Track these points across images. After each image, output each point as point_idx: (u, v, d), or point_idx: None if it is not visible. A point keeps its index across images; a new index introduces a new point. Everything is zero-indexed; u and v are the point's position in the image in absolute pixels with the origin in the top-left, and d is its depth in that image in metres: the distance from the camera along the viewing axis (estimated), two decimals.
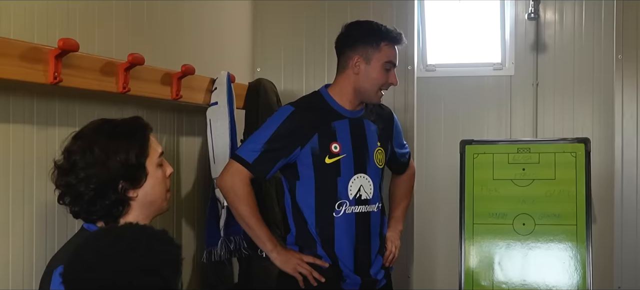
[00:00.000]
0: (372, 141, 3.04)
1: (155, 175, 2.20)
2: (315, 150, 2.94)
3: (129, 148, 2.14)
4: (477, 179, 3.40)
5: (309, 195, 2.98)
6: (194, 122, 3.41)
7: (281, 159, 2.94)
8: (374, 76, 2.96)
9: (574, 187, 3.29)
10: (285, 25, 4.26)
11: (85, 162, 2.09)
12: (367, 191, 3.00)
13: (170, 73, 2.98)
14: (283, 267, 2.96)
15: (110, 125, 2.20)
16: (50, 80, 2.27)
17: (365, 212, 3.00)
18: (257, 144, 2.94)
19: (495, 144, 3.49)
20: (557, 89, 4.65)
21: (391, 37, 2.98)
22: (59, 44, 2.25)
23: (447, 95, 4.85)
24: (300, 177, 2.98)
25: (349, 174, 2.97)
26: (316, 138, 2.94)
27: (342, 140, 2.96)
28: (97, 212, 2.13)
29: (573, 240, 3.25)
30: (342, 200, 2.96)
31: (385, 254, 3.12)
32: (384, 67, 2.96)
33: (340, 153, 2.95)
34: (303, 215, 2.99)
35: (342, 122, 2.99)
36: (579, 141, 3.34)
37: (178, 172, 3.29)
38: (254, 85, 3.70)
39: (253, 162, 2.91)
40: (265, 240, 2.97)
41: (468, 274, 3.36)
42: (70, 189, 2.11)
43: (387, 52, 2.96)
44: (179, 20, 3.32)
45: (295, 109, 2.99)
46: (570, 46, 4.61)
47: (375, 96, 3.01)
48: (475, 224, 3.37)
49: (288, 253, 2.97)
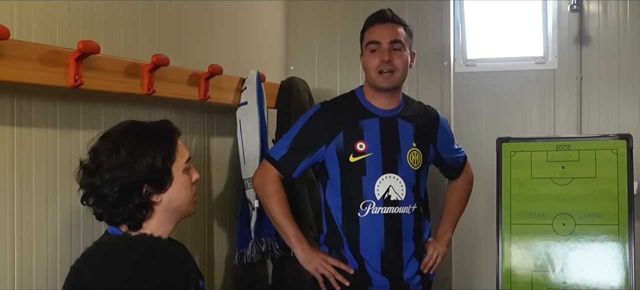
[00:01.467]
0: (406, 141, 2.95)
1: (180, 180, 2.17)
2: (340, 148, 2.90)
3: (156, 152, 2.11)
4: (514, 178, 3.31)
5: (336, 194, 2.94)
6: (224, 122, 3.37)
7: (307, 157, 2.93)
8: (368, 62, 2.95)
9: (615, 185, 3.17)
10: (319, 23, 4.21)
11: (111, 163, 2.07)
12: (398, 192, 2.91)
13: (197, 73, 2.95)
14: (305, 265, 2.94)
15: (138, 128, 2.18)
16: (70, 83, 2.25)
17: (395, 213, 2.91)
18: (285, 141, 2.97)
19: (533, 141, 3.37)
20: (602, 82, 4.51)
21: (370, 20, 3.00)
22: (79, 46, 2.23)
23: (488, 91, 4.74)
24: (329, 177, 2.95)
25: (376, 173, 2.90)
26: (341, 136, 2.91)
27: (370, 139, 2.91)
28: (120, 215, 2.11)
29: (615, 241, 3.14)
30: (368, 200, 2.89)
31: (425, 260, 3.02)
32: (369, 50, 2.94)
33: (366, 151, 2.90)
34: (332, 215, 2.96)
35: (372, 121, 2.94)
36: (620, 137, 3.22)
37: (209, 173, 3.26)
38: (286, 84, 3.66)
39: (279, 160, 2.94)
40: (291, 236, 2.95)
41: (506, 275, 3.27)
42: (94, 190, 2.10)
43: (366, 36, 2.98)
44: (210, 19, 3.28)
45: (322, 106, 3.00)
46: (614, 38, 4.47)
47: (378, 80, 2.93)
48: (513, 224, 3.28)
49: (313, 252, 2.94)
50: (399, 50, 2.93)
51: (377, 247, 2.91)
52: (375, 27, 2.96)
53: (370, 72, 2.94)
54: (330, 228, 2.98)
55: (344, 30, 4.13)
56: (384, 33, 2.94)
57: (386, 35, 2.93)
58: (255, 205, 3.19)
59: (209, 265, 3.28)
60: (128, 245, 1.73)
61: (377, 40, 2.93)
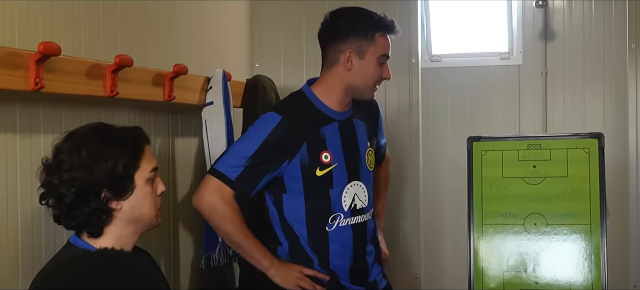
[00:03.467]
0: (363, 143, 2.78)
1: (143, 189, 2.08)
2: (305, 161, 2.64)
3: (118, 156, 2.02)
4: (485, 177, 3.26)
5: (298, 209, 2.70)
6: (189, 122, 3.29)
7: (267, 174, 2.63)
8: (370, 72, 2.66)
9: (587, 184, 3.14)
10: (283, 20, 4.14)
11: (71, 163, 1.99)
12: (362, 199, 2.75)
13: (161, 73, 2.87)
14: (284, 284, 2.68)
15: (104, 130, 2.09)
16: (31, 86, 2.16)
17: (361, 222, 2.76)
18: (241, 158, 2.61)
19: (505, 140, 3.33)
20: (567, 78, 4.50)
21: (385, 27, 2.68)
22: (40, 48, 2.14)
23: (453, 87, 4.71)
24: (287, 190, 2.69)
25: (342, 184, 2.70)
26: (305, 148, 2.64)
27: (333, 148, 2.68)
28: (76, 219, 2.02)
29: (587, 240, 3.11)
30: (336, 213, 2.70)
31: (382, 259, 2.96)
32: (378, 61, 2.66)
33: (332, 162, 2.67)
34: (294, 230, 2.72)
35: (331, 127, 2.69)
36: (592, 136, 3.19)
37: (174, 175, 3.18)
38: (252, 82, 3.58)
39: (236, 179, 2.60)
40: (260, 258, 2.68)
41: (478, 275, 3.23)
42: (52, 189, 2.01)
43: (381, 44, 2.67)
44: (173, 18, 3.20)
45: (283, 117, 2.65)
46: (579, 34, 4.46)
47: (370, 93, 2.73)
48: (484, 224, 3.24)
49: (287, 268, 2.69)
50: None
51: (347, 259, 2.75)
52: (388, 38, 2.71)
53: (368, 83, 2.69)
54: (292, 243, 2.73)
55: (309, 26, 4.05)
56: (390, 47, 2.72)
57: (390, 50, 2.73)
58: None
59: (175, 270, 3.20)
60: (89, 264, 1.63)
61: (389, 54, 2.70)
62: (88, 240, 2.05)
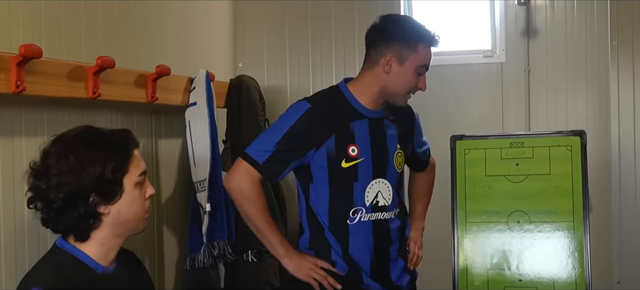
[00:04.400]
0: (392, 144, 2.81)
1: (132, 193, 2.06)
2: (331, 152, 2.69)
3: (107, 161, 2.00)
4: (469, 176, 3.27)
5: (323, 199, 2.75)
6: (172, 123, 3.28)
7: (294, 161, 2.70)
8: (407, 78, 2.72)
9: (569, 182, 3.16)
10: (267, 20, 4.13)
11: (58, 168, 1.96)
12: (386, 197, 2.78)
13: (144, 75, 2.86)
14: (296, 273, 2.73)
15: (92, 134, 2.07)
16: (12, 89, 2.15)
17: (382, 219, 2.78)
18: (269, 143, 2.68)
19: (487, 138, 3.35)
20: (550, 75, 4.51)
21: (429, 38, 2.74)
22: (21, 50, 2.13)
23: (436, 85, 4.64)
24: (313, 180, 2.74)
25: (366, 179, 2.74)
26: (333, 139, 2.70)
27: (361, 143, 2.73)
28: (64, 223, 2.00)
29: (570, 237, 3.13)
30: (358, 207, 2.73)
31: (409, 256, 2.96)
32: (417, 71, 2.72)
33: (358, 156, 2.71)
34: (318, 219, 2.76)
35: (361, 123, 2.74)
36: (574, 134, 3.21)
37: (157, 176, 3.17)
38: (236, 82, 3.58)
39: (263, 163, 2.66)
40: (276, 245, 2.74)
41: (462, 273, 3.25)
42: (40, 193, 1.99)
43: (423, 55, 2.73)
44: (155, 19, 3.19)
45: (311, 106, 2.71)
46: (562, 31, 4.47)
47: (403, 99, 2.78)
48: (468, 222, 3.25)
49: (301, 258, 2.75)
50: None
51: (367, 254, 2.78)
52: (430, 51, 2.77)
53: (403, 89, 2.74)
54: (314, 232, 2.78)
55: (292, 26, 4.06)
56: (430, 60, 2.79)
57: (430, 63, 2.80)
58: (207, 209, 3.11)
59: (160, 270, 3.19)
60: None
61: (428, 66, 2.77)
62: (74, 244, 2.04)
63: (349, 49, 4.03)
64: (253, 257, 3.41)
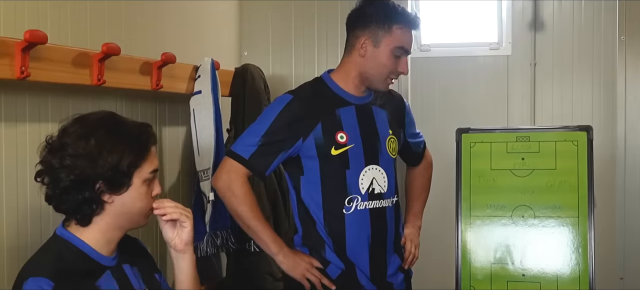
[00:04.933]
0: (383, 129, 2.76)
1: (139, 189, 2.03)
2: (320, 140, 2.65)
3: (125, 153, 1.97)
4: (474, 169, 3.26)
5: (315, 191, 2.69)
6: (177, 111, 3.26)
7: (281, 152, 2.65)
8: (382, 61, 2.66)
9: (575, 177, 3.14)
10: (273, 7, 4.10)
11: (75, 149, 1.93)
12: (381, 184, 2.72)
13: (149, 62, 2.84)
14: (290, 272, 2.69)
15: (116, 122, 2.04)
16: (16, 75, 2.13)
17: (380, 207, 2.72)
18: (254, 137, 2.65)
19: (493, 132, 3.33)
20: (556, 69, 4.50)
21: (406, 20, 2.66)
22: (26, 36, 2.11)
23: (442, 76, 4.70)
24: (304, 172, 2.69)
25: (359, 166, 2.68)
26: (320, 127, 2.65)
27: (349, 129, 2.68)
28: (67, 203, 1.97)
29: (574, 232, 3.12)
30: (353, 195, 2.67)
31: (405, 255, 2.90)
32: (393, 53, 2.65)
33: (348, 143, 2.66)
34: (310, 213, 2.71)
35: (348, 109, 2.70)
36: (580, 129, 3.19)
37: (161, 165, 3.14)
38: (240, 71, 3.56)
39: (250, 158, 2.63)
40: (269, 243, 2.69)
41: (465, 267, 3.23)
42: (50, 170, 1.95)
43: (398, 36, 2.65)
44: (161, 6, 3.17)
45: (293, 97, 2.69)
46: (569, 25, 4.46)
47: (383, 84, 2.72)
48: (472, 216, 3.24)
49: (296, 256, 2.69)
50: None
51: (365, 245, 2.72)
52: (408, 32, 2.69)
53: (380, 73, 2.68)
54: (306, 228, 2.73)
55: (298, 14, 4.03)
56: (411, 42, 2.71)
57: (411, 46, 2.72)
58: (211, 197, 3.10)
59: (162, 258, 3.17)
60: None
61: (407, 49, 2.69)
62: (74, 231, 2.02)
63: None
64: (256, 247, 3.37)
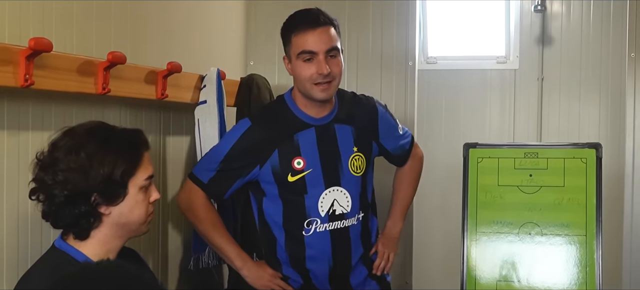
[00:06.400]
0: (346, 148, 2.77)
1: (135, 197, 2.01)
2: (276, 168, 2.71)
3: (117, 163, 1.96)
4: (481, 185, 3.23)
5: (276, 213, 2.78)
6: (181, 120, 3.22)
7: (239, 179, 2.74)
8: (298, 71, 2.66)
9: (583, 195, 3.12)
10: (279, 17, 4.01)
11: (67, 163, 1.92)
12: (343, 205, 2.76)
13: (155, 71, 2.80)
14: (254, 284, 2.81)
15: (105, 132, 2.02)
16: (20, 83, 2.09)
17: (342, 227, 2.77)
18: (213, 162, 2.74)
19: (501, 147, 3.30)
20: (563, 84, 4.47)
21: (298, 25, 2.66)
22: (30, 43, 2.07)
23: (448, 89, 4.67)
24: (266, 194, 2.77)
25: (318, 189, 2.73)
26: (276, 154, 2.70)
27: (307, 154, 2.71)
28: (64, 219, 1.96)
29: (582, 251, 3.09)
30: (312, 218, 2.74)
31: (376, 262, 2.92)
32: (302, 59, 2.63)
33: (305, 168, 2.71)
34: (272, 233, 2.81)
35: (307, 133, 2.73)
36: (589, 146, 3.16)
37: (164, 174, 3.12)
38: (246, 81, 3.52)
39: (208, 183, 2.74)
40: (233, 258, 2.82)
41: (470, 283, 3.20)
42: (44, 187, 1.94)
43: (297, 42, 2.64)
44: (167, 15, 3.13)
45: (252, 123, 2.75)
46: (577, 40, 4.43)
47: (314, 92, 2.66)
48: (478, 232, 3.20)
49: (260, 268, 2.82)
50: (335, 58, 2.66)
51: (325, 263, 2.79)
52: (307, 33, 2.63)
53: (304, 84, 2.66)
54: (267, 247, 2.85)
55: None
56: (319, 41, 2.62)
57: (322, 44, 2.62)
58: None
59: (163, 269, 3.14)
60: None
61: (312, 50, 2.62)
62: (73, 244, 2.00)
63: (362, 49, 3.98)
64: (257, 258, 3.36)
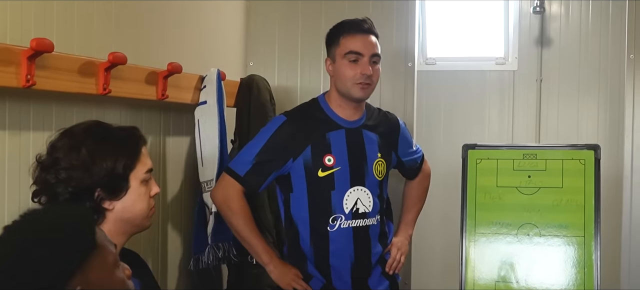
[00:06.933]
0: (371, 152, 2.92)
1: (137, 191, 2.03)
2: (308, 162, 2.84)
3: (118, 157, 1.97)
4: (479, 186, 3.24)
5: (302, 208, 2.89)
6: (181, 121, 3.23)
7: (273, 172, 2.86)
8: (342, 71, 2.84)
9: (582, 196, 3.12)
10: (279, 19, 4.07)
11: (69, 161, 1.93)
12: (366, 204, 2.89)
13: (155, 72, 2.81)
14: (278, 281, 2.90)
15: (102, 129, 2.04)
16: (22, 83, 2.10)
17: (363, 226, 2.90)
18: (249, 155, 2.86)
19: (500, 149, 3.31)
20: (562, 85, 4.47)
21: (349, 27, 2.87)
22: (32, 44, 2.08)
23: (447, 90, 4.67)
24: (293, 190, 2.89)
25: (344, 187, 2.87)
26: (309, 150, 2.84)
27: (337, 153, 2.86)
28: None
29: (580, 252, 3.09)
30: (337, 215, 2.86)
31: (389, 261, 3.02)
32: (347, 59, 2.83)
33: (335, 166, 2.85)
34: (296, 229, 2.91)
35: (338, 133, 2.88)
36: (588, 148, 3.17)
37: (164, 175, 3.13)
38: (246, 82, 3.53)
39: (244, 176, 2.84)
40: (261, 253, 2.90)
41: (469, 284, 3.20)
42: (47, 187, 1.94)
43: (346, 44, 2.84)
44: (167, 16, 3.14)
45: (287, 119, 2.89)
46: (576, 42, 4.43)
47: (354, 91, 2.84)
48: (477, 233, 3.21)
49: (285, 267, 2.90)
50: (376, 64, 2.87)
51: (347, 259, 2.90)
52: (356, 36, 2.85)
53: (346, 82, 2.83)
54: (291, 242, 2.95)
55: (305, 26, 4.01)
56: (366, 45, 2.84)
57: (368, 48, 2.84)
58: (213, 209, 3.08)
59: (163, 270, 3.15)
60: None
61: (359, 52, 2.83)
62: None
63: None
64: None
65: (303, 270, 2.91)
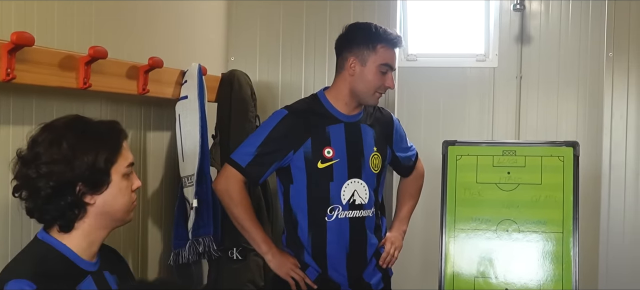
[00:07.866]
0: (368, 146, 3.01)
1: (119, 185, 2.04)
2: (308, 154, 2.92)
3: (99, 150, 1.98)
4: (459, 182, 3.26)
5: (301, 199, 2.97)
6: (162, 116, 3.22)
7: (274, 163, 2.93)
8: (370, 78, 2.92)
9: (560, 192, 3.15)
10: (260, 13, 4.06)
11: (50, 156, 1.93)
12: (362, 196, 2.97)
13: (136, 66, 2.81)
14: (276, 270, 2.98)
15: (83, 123, 2.05)
16: (2, 77, 2.09)
17: (359, 217, 2.98)
18: (251, 147, 2.94)
19: (480, 145, 3.34)
20: (542, 83, 4.51)
21: (388, 40, 2.94)
22: (12, 38, 2.08)
23: (428, 87, 4.69)
24: (293, 181, 2.97)
25: (342, 178, 2.95)
26: (309, 142, 2.92)
27: (336, 145, 2.94)
28: (50, 212, 1.97)
29: (559, 248, 3.12)
30: (335, 205, 2.94)
31: (382, 255, 3.08)
32: (379, 70, 2.91)
33: (334, 158, 2.93)
34: (295, 218, 2.99)
35: (337, 127, 2.96)
36: (567, 145, 3.20)
37: (144, 169, 3.12)
38: (228, 77, 3.53)
39: (246, 166, 2.92)
40: (260, 243, 2.98)
41: (449, 279, 3.23)
42: (28, 182, 1.95)
43: (383, 55, 2.92)
44: (148, 10, 3.13)
45: (288, 112, 2.97)
46: (555, 39, 4.48)
47: (371, 98, 2.97)
48: (457, 228, 3.24)
49: (283, 256, 2.98)
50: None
51: (343, 250, 2.98)
52: (393, 51, 2.97)
53: (368, 88, 2.92)
54: (289, 231, 3.02)
55: (286, 22, 4.00)
56: (395, 59, 3.00)
57: (395, 62, 3.00)
58: (194, 204, 3.08)
59: (143, 265, 3.15)
60: None
61: (391, 65, 2.95)
62: (57, 236, 2.00)
63: None
64: (238, 254, 3.39)
65: (300, 259, 2.98)
